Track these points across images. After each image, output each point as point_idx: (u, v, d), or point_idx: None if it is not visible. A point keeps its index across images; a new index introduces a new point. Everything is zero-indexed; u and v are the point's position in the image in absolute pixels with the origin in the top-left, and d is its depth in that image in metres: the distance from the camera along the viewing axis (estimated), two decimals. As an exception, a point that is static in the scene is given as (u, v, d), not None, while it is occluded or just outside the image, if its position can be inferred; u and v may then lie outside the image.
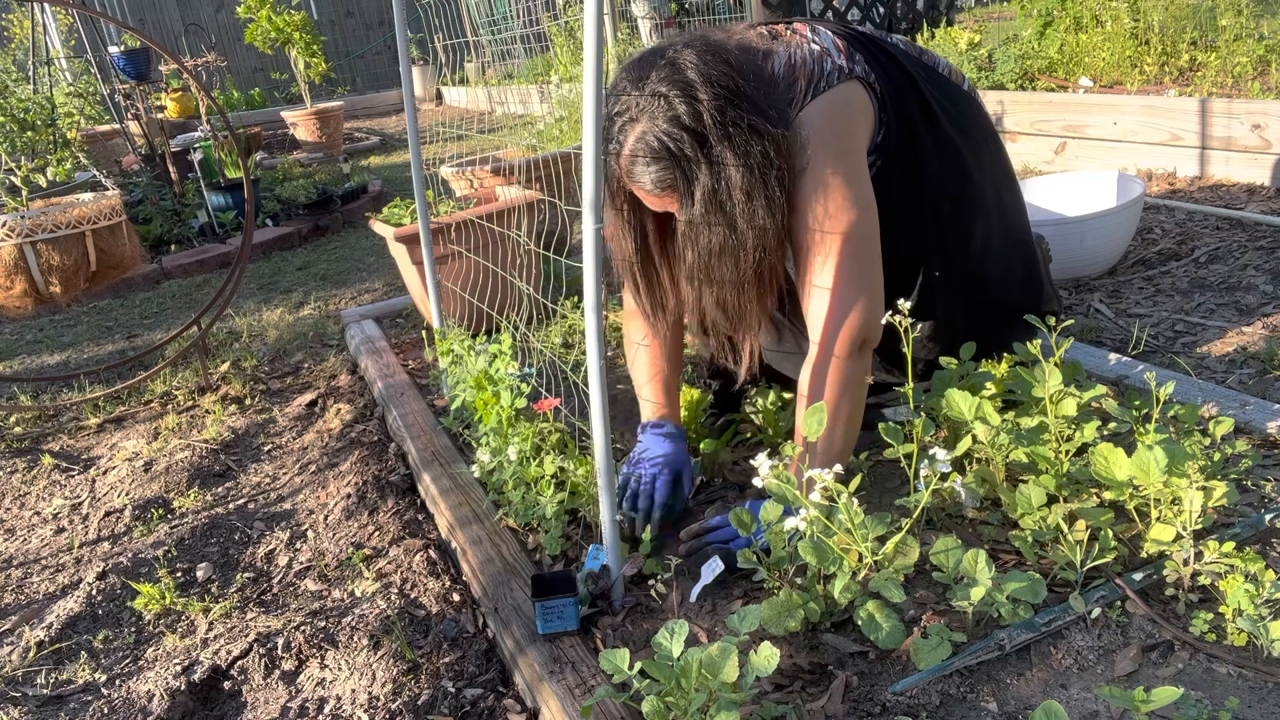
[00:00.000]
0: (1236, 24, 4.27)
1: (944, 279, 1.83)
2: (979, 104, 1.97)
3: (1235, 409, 1.86)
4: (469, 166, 3.63)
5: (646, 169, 1.52)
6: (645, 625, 1.55)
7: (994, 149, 1.96)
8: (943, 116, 1.79)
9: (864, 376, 1.66)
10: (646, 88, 1.50)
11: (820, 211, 1.56)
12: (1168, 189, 3.58)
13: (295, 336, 3.70)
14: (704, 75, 1.48)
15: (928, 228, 1.80)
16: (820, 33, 1.71)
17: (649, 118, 1.50)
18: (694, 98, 1.47)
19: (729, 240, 1.54)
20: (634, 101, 1.52)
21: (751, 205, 1.51)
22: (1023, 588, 1.35)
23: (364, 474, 2.38)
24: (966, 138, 1.84)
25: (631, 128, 1.52)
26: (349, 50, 14.42)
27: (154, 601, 1.96)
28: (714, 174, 1.49)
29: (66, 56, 7.50)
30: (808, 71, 1.63)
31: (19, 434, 3.07)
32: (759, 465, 1.51)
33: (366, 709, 1.53)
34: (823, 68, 1.63)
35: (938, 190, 1.79)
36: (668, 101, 1.48)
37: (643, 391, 1.88)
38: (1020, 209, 2.05)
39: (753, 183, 1.49)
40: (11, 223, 2.97)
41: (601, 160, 1.32)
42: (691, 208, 1.53)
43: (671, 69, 1.50)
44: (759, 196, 1.50)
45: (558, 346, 2.80)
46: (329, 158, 8.30)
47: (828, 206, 1.56)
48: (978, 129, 1.91)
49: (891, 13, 6.88)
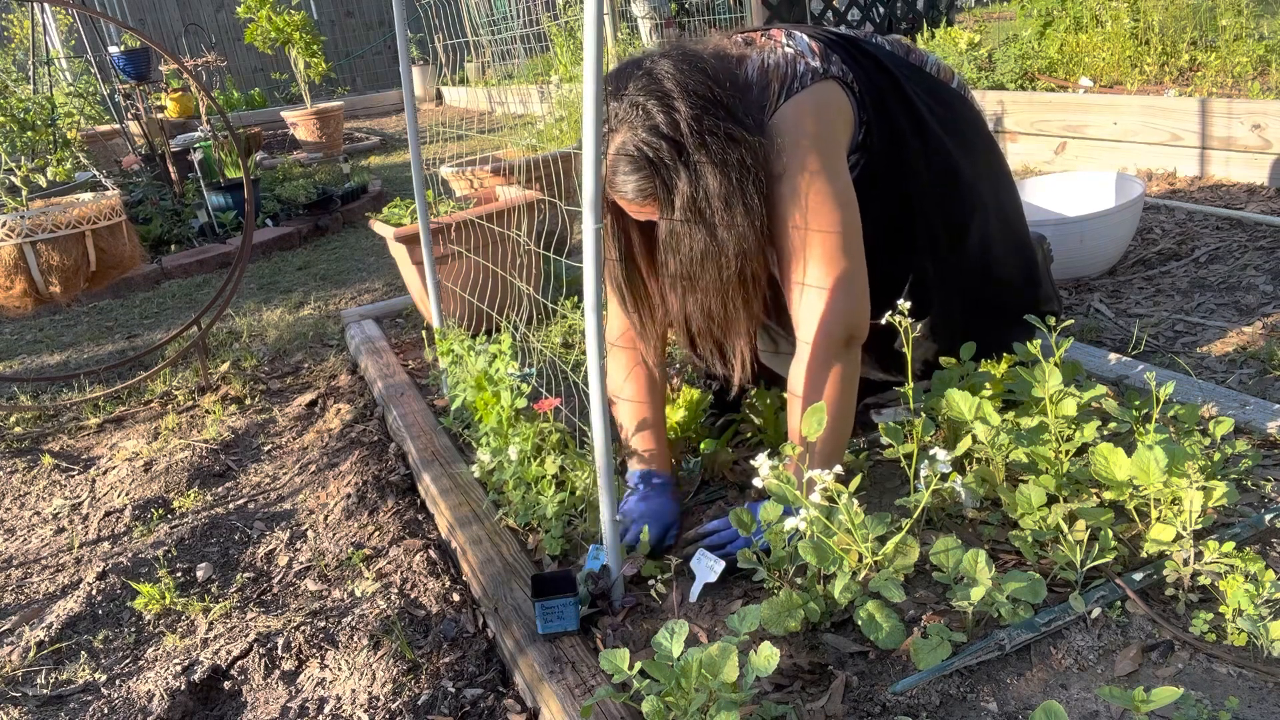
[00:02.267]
0: (1236, 24, 4.27)
1: (938, 277, 1.83)
2: (970, 102, 1.97)
3: (1235, 409, 1.86)
4: (469, 166, 3.63)
5: (627, 178, 1.53)
6: (645, 625, 1.55)
7: (986, 147, 1.95)
8: (929, 115, 1.80)
9: (853, 373, 1.66)
10: (625, 99, 1.52)
11: (800, 210, 1.57)
12: (1168, 189, 3.58)
13: (295, 336, 3.70)
14: (681, 85, 1.50)
15: (916, 226, 1.80)
16: (795, 37, 1.72)
17: (628, 127, 1.52)
18: (671, 107, 1.49)
19: (710, 246, 1.55)
20: (613, 112, 1.53)
21: (730, 211, 1.52)
22: (1023, 588, 1.35)
23: (364, 474, 2.38)
24: (955, 136, 1.84)
25: (611, 138, 1.54)
26: (349, 50, 14.42)
27: (154, 601, 1.96)
28: (692, 181, 1.51)
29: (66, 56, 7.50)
30: (781, 74, 1.64)
31: (19, 434, 3.07)
32: (759, 465, 1.51)
33: (366, 709, 1.54)
34: (796, 69, 1.64)
35: (925, 189, 1.79)
36: (645, 111, 1.50)
37: (631, 442, 1.87)
38: (1016, 205, 2.05)
39: (730, 189, 1.51)
40: (11, 223, 2.97)
41: (602, 160, 1.33)
42: (672, 215, 1.55)
43: (649, 79, 1.51)
44: (737, 202, 1.52)
45: (558, 346, 2.80)
46: (329, 158, 8.30)
47: (808, 204, 1.57)
48: (969, 127, 1.91)
49: (891, 13, 6.88)
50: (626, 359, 1.85)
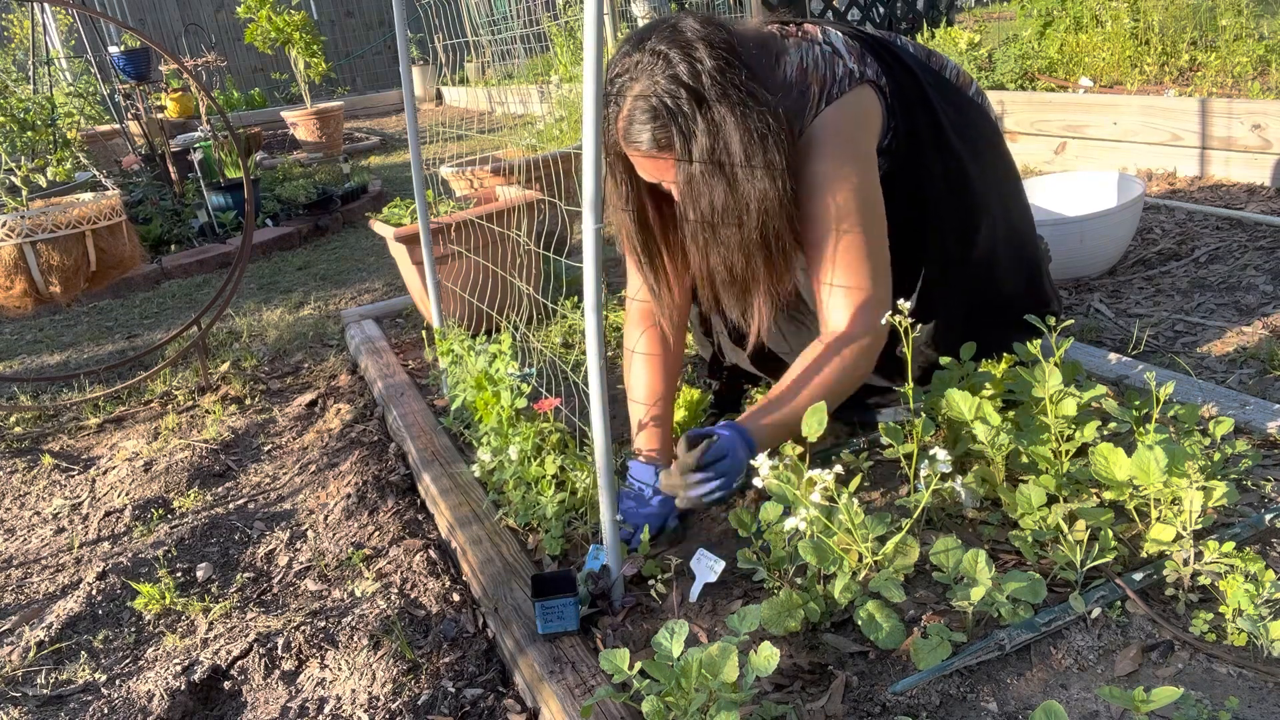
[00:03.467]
0: (1236, 24, 4.27)
1: (944, 282, 1.84)
2: (986, 111, 1.99)
3: (1235, 409, 1.86)
4: (469, 166, 3.63)
5: (644, 127, 1.53)
6: (645, 625, 1.55)
7: (998, 155, 1.97)
8: (947, 124, 1.81)
9: (861, 374, 1.68)
10: (646, 49, 1.52)
11: (833, 211, 1.59)
12: (1168, 189, 3.58)
13: (295, 336, 3.70)
14: (704, 38, 1.50)
15: (929, 231, 1.80)
16: (830, 34, 1.72)
17: (648, 76, 1.51)
18: (693, 57, 1.49)
19: (729, 200, 1.55)
20: (634, 61, 1.53)
21: (750, 166, 1.52)
22: (1023, 588, 1.35)
23: (364, 474, 2.38)
24: (970, 145, 1.86)
25: (631, 87, 1.53)
26: (349, 50, 14.43)
27: (154, 601, 1.96)
28: (711, 132, 1.50)
29: (66, 56, 7.50)
30: (820, 77, 1.65)
31: (19, 434, 3.07)
32: (759, 465, 1.51)
33: (366, 709, 1.54)
34: (835, 72, 1.65)
35: (939, 195, 1.80)
36: (667, 59, 1.50)
37: (638, 423, 1.86)
38: (1025, 216, 2.06)
39: (751, 144, 1.50)
40: (11, 223, 2.97)
41: (602, 159, 1.32)
42: (689, 165, 1.53)
43: (673, 31, 1.52)
44: (759, 158, 1.51)
45: (558, 346, 2.80)
46: (329, 158, 8.30)
47: (841, 207, 1.59)
48: (982, 138, 1.93)
49: (891, 13, 6.88)
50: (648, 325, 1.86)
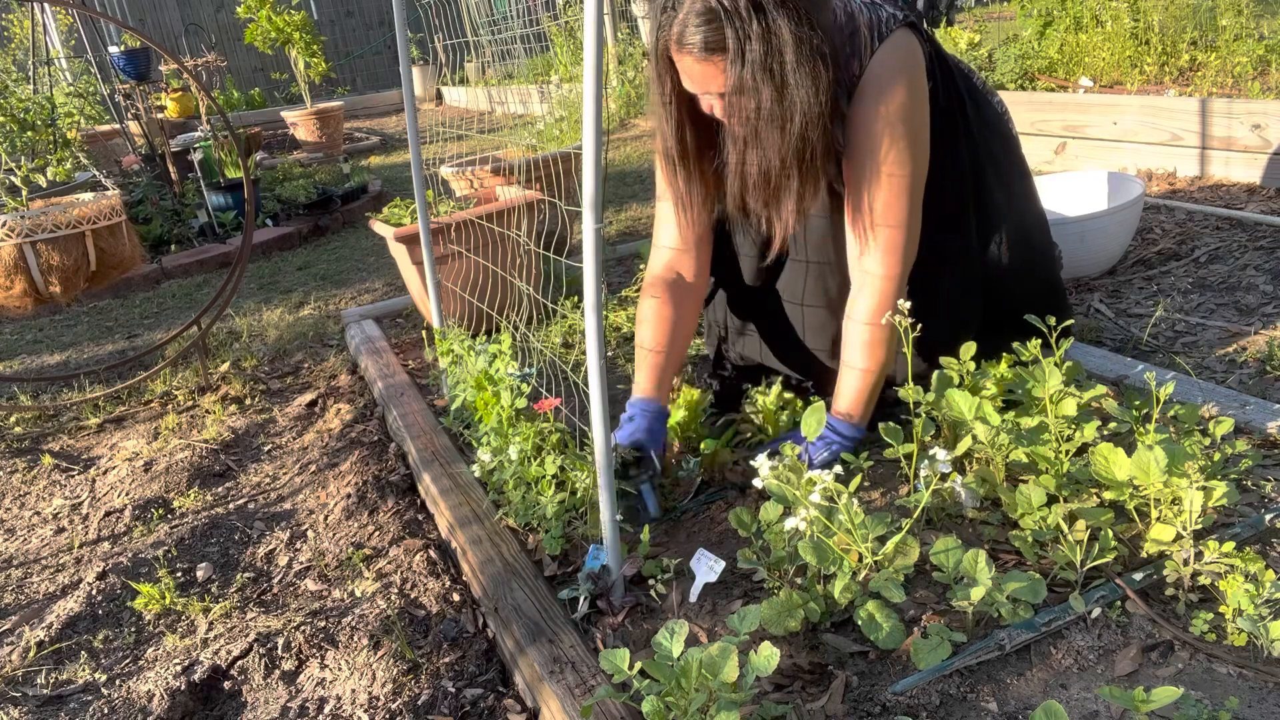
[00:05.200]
0: (1236, 24, 4.27)
1: (954, 284, 1.85)
2: (1007, 121, 2.02)
3: (1235, 409, 1.86)
4: (469, 166, 3.63)
5: (698, 29, 1.53)
6: (645, 625, 1.55)
7: (1012, 163, 1.99)
8: (972, 113, 1.84)
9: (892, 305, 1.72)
10: None
11: (886, 149, 1.65)
12: (1168, 189, 3.58)
13: (295, 336, 3.70)
14: None
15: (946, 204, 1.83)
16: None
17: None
18: None
19: (775, 108, 1.56)
20: None
21: (799, 76, 1.53)
22: (1023, 588, 1.35)
23: (364, 474, 2.38)
24: (985, 147, 1.88)
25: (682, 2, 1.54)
26: (349, 50, 14.43)
27: (154, 601, 1.96)
28: (765, 37, 1.51)
29: (66, 56, 7.50)
30: (866, 20, 1.67)
31: (19, 434, 3.07)
32: (759, 465, 1.51)
33: (366, 709, 1.54)
34: (879, 15, 1.68)
35: (963, 174, 1.83)
36: None
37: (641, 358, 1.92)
38: (1041, 226, 2.06)
39: (801, 55, 1.51)
40: (11, 223, 2.97)
41: (603, 156, 1.32)
42: (741, 70, 1.54)
43: None
44: (806, 70, 1.53)
45: (558, 346, 2.80)
46: (329, 158, 8.30)
47: (893, 146, 1.65)
48: (999, 142, 1.95)
49: (891, 13, 6.86)
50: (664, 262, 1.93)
